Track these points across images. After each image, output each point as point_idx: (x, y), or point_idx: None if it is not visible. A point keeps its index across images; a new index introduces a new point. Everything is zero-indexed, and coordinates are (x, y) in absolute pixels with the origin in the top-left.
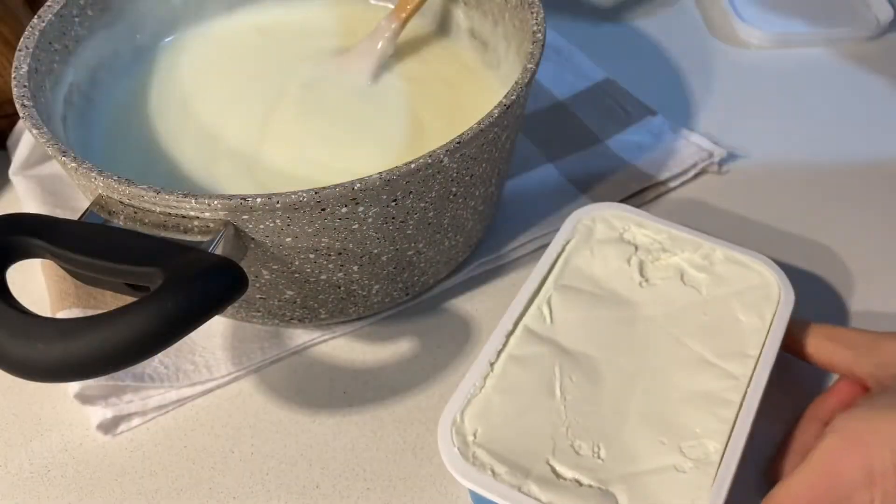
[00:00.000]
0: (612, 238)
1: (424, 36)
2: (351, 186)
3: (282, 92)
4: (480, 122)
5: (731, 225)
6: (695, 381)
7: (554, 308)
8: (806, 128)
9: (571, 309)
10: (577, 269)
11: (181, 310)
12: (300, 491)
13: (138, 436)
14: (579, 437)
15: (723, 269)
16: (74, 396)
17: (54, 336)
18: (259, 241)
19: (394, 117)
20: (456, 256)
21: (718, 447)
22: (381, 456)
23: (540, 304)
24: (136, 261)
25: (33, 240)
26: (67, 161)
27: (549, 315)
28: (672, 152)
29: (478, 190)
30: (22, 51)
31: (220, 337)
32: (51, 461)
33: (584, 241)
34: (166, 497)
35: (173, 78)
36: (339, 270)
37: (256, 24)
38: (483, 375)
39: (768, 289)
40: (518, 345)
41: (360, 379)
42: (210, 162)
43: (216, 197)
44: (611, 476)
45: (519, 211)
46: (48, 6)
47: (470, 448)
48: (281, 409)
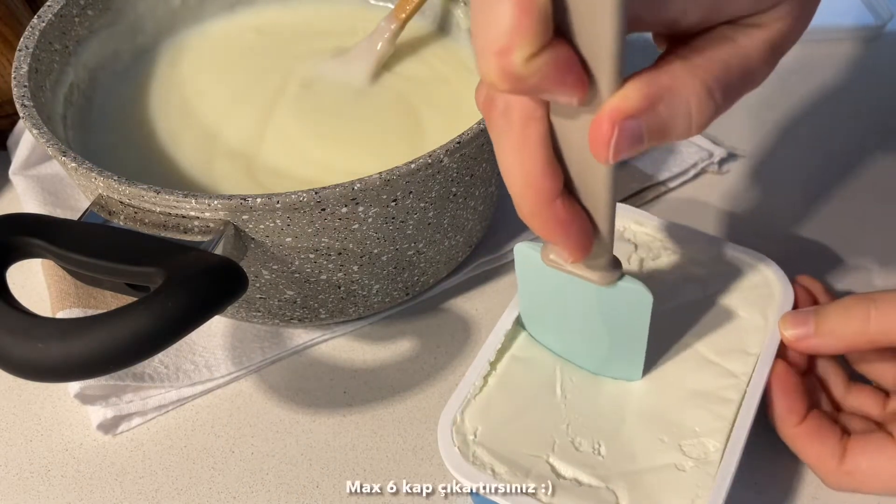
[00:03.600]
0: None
1: (424, 36)
2: (351, 186)
3: (282, 92)
4: (480, 122)
5: (731, 225)
6: (695, 379)
7: None
8: (806, 127)
9: None
10: None
11: (181, 310)
12: (300, 491)
13: (138, 436)
14: (580, 435)
15: (723, 268)
16: (74, 396)
17: (54, 336)
18: (259, 241)
19: (393, 117)
20: (456, 256)
21: (718, 446)
22: (381, 456)
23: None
24: (136, 261)
25: (33, 240)
26: (67, 161)
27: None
28: (672, 152)
29: (478, 190)
30: (22, 51)
31: (220, 337)
32: (51, 461)
33: None
34: (166, 497)
35: (173, 78)
36: (339, 270)
37: (256, 25)
38: (483, 375)
39: (769, 288)
40: (519, 346)
41: (360, 379)
42: (210, 162)
43: (216, 197)
44: (611, 474)
45: None
46: (48, 6)
47: (470, 447)
48: (281, 409)
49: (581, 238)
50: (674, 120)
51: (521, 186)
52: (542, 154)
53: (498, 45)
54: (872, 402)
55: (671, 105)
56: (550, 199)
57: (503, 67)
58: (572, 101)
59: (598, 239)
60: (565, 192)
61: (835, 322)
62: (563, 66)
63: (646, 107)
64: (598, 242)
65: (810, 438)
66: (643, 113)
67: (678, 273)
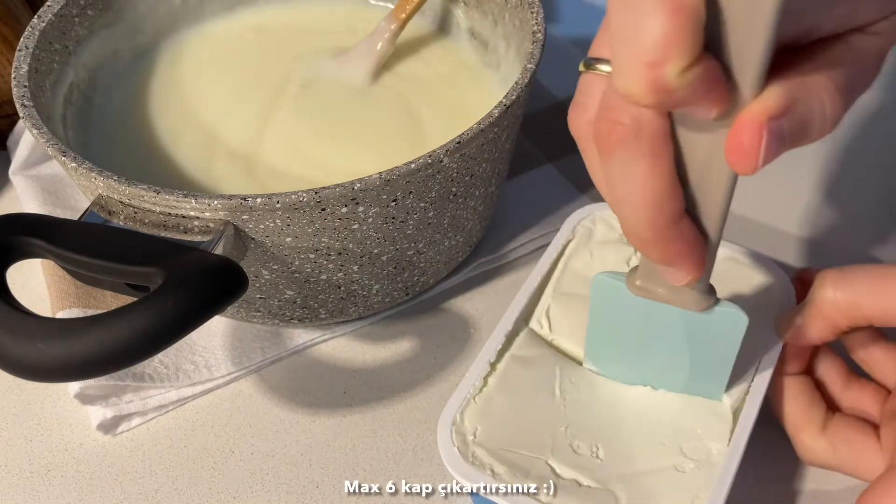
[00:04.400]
0: (611, 239)
1: (424, 36)
2: (351, 186)
3: (282, 92)
4: (480, 122)
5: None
6: None
7: (553, 317)
8: None
9: (571, 315)
10: (577, 273)
11: (181, 310)
12: (300, 491)
13: (138, 436)
14: (578, 438)
15: (723, 269)
16: (74, 396)
17: (54, 336)
18: (259, 241)
19: (393, 117)
20: (456, 256)
21: (721, 448)
22: (381, 456)
23: (539, 315)
24: (136, 261)
25: (33, 240)
26: (67, 161)
27: (548, 325)
28: None
29: (478, 190)
30: (22, 51)
31: (220, 337)
32: (51, 461)
33: (584, 243)
34: (166, 497)
35: (173, 78)
36: (339, 270)
37: (256, 24)
38: (483, 375)
39: (769, 288)
40: (519, 346)
41: (360, 379)
42: (210, 162)
43: (216, 197)
44: (609, 476)
45: (519, 211)
46: (48, 6)
47: (469, 447)
48: (281, 409)
49: (699, 259)
50: (811, 117)
51: (645, 209)
52: (670, 172)
53: (650, 56)
54: (871, 399)
55: (808, 103)
56: (676, 219)
57: (654, 80)
58: (712, 114)
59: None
60: (687, 213)
61: (811, 304)
62: (713, 78)
63: (787, 106)
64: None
65: (797, 398)
66: (785, 113)
67: None
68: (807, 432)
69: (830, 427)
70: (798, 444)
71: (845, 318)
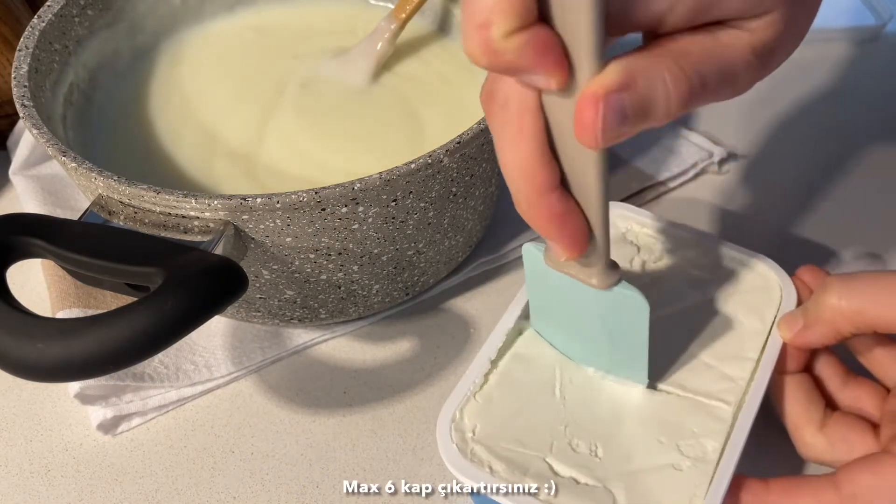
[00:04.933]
0: (613, 238)
1: (424, 36)
2: (351, 186)
3: (281, 92)
4: (480, 122)
5: (731, 225)
6: (693, 382)
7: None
8: (805, 128)
9: None
10: None
11: (181, 310)
12: (300, 491)
13: (138, 436)
14: (577, 437)
15: (724, 270)
16: (74, 396)
17: (54, 336)
18: (259, 241)
19: (393, 117)
20: (456, 256)
21: (717, 446)
22: (380, 456)
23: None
24: (136, 261)
25: (33, 240)
26: (67, 161)
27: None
28: (672, 152)
29: (478, 190)
30: (22, 51)
31: (220, 337)
32: (51, 461)
33: None
34: (166, 497)
35: (173, 78)
36: (339, 270)
37: (256, 24)
38: (483, 373)
39: (770, 289)
40: (519, 345)
41: (360, 379)
42: (210, 162)
43: (216, 197)
44: (608, 475)
45: None
46: (48, 6)
47: (469, 445)
48: (281, 409)
49: (575, 234)
50: (654, 95)
51: (517, 179)
52: (537, 145)
53: (479, 18)
54: (869, 397)
55: (650, 81)
56: (545, 191)
57: (483, 41)
58: (551, 85)
59: (592, 238)
60: (562, 188)
61: (814, 308)
62: (543, 46)
63: (625, 81)
64: (593, 242)
65: (797, 396)
66: (624, 88)
67: (679, 276)
68: (806, 430)
69: (829, 425)
70: (798, 441)
71: (849, 325)
